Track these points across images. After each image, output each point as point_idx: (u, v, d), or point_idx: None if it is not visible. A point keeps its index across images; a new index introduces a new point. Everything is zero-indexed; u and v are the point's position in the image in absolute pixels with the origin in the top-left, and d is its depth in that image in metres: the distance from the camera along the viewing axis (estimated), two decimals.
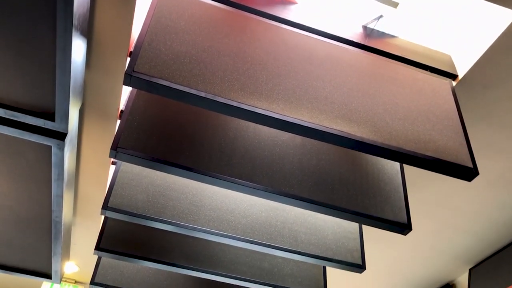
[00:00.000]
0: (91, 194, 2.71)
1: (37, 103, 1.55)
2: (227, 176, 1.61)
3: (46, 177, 1.87)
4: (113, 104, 2.06)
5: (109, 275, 2.44)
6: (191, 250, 2.24)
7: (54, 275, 2.57)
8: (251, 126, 1.79)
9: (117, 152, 1.51)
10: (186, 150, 1.62)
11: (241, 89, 1.39)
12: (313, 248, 2.05)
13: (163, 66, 1.34)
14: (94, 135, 2.26)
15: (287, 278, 2.36)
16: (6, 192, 1.96)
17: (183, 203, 1.92)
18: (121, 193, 1.86)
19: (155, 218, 1.84)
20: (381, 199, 1.83)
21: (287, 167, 1.75)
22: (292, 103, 1.44)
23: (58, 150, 1.70)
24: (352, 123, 1.47)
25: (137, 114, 1.63)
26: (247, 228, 1.96)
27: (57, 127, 1.61)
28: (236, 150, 1.70)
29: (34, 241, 2.30)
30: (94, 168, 2.49)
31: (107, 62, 1.86)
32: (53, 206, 2.01)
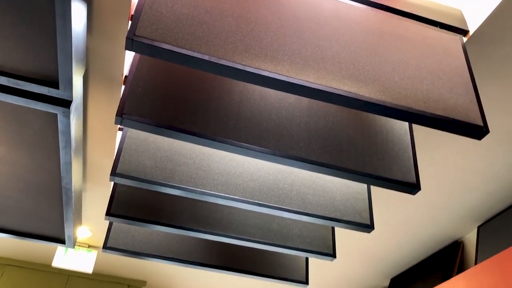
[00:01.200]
0: (100, 160, 2.72)
1: (40, 71, 1.53)
2: (234, 141, 1.60)
3: (53, 145, 1.87)
4: (117, 69, 2.04)
5: (121, 240, 2.48)
6: (200, 213, 2.26)
7: (68, 240, 2.62)
8: (257, 89, 1.77)
9: (123, 118, 1.50)
10: (192, 115, 1.60)
11: (245, 51, 1.36)
12: (321, 210, 2.06)
13: (165, 29, 1.31)
14: (100, 102, 2.25)
15: (296, 239, 2.39)
16: (15, 161, 1.97)
17: (191, 167, 1.93)
18: (129, 159, 1.86)
19: (164, 183, 1.85)
20: (389, 159, 1.82)
21: (294, 130, 1.73)
22: (298, 64, 1.41)
23: (64, 117, 1.69)
24: (360, 83, 1.44)
25: (141, 79, 1.61)
26: (255, 191, 1.97)
27: (61, 94, 1.59)
28: (242, 114, 1.68)
29: (46, 208, 2.33)
30: (101, 134, 2.49)
31: (109, 26, 1.83)
32: (63, 173, 2.02)
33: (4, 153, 1.94)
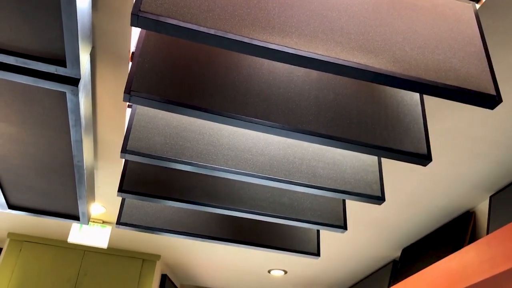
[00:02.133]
0: (111, 137, 2.74)
1: (47, 50, 1.52)
2: (242, 116, 1.60)
3: (64, 123, 1.88)
4: (124, 46, 2.02)
5: (134, 215, 2.51)
6: (211, 188, 2.28)
7: (82, 217, 2.67)
8: (265, 63, 1.75)
9: (131, 95, 1.50)
10: (200, 91, 1.60)
11: (252, 24, 1.34)
12: (331, 183, 2.06)
13: (171, 4, 1.29)
14: (108, 79, 2.24)
15: (306, 212, 2.40)
16: (26, 140, 1.99)
17: (200, 143, 1.93)
18: (139, 136, 1.87)
19: (174, 159, 1.86)
20: (400, 131, 1.80)
21: (303, 103, 1.72)
22: (307, 36, 1.39)
23: (72, 95, 1.69)
24: (369, 54, 1.41)
25: (148, 55, 1.60)
26: (265, 165, 1.97)
27: (69, 72, 1.59)
28: (251, 88, 1.67)
29: (59, 186, 2.36)
30: (111, 112, 2.50)
31: (114, 2, 1.81)
32: (74, 151, 2.04)
33: (16, 133, 1.95)
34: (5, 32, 1.47)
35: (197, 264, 4.78)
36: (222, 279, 5.20)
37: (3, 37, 1.48)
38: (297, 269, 4.77)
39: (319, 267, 4.68)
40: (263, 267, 4.76)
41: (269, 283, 5.22)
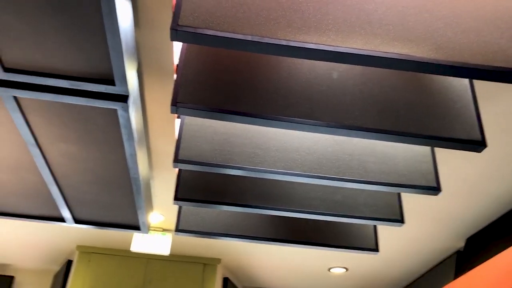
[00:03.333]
0: (164, 148, 2.83)
1: (96, 71, 1.61)
2: (286, 117, 1.61)
3: (117, 138, 1.97)
4: (167, 59, 2.09)
5: (191, 222, 2.58)
6: (262, 191, 2.30)
7: (142, 226, 2.77)
8: (305, 62, 1.75)
9: (177, 107, 1.55)
10: (242, 96, 1.62)
11: (288, 26, 1.35)
12: (384, 176, 2.02)
13: (207, 15, 1.32)
14: (156, 92, 2.32)
15: (361, 208, 2.37)
16: (85, 157, 2.10)
17: (248, 147, 1.96)
18: (189, 145, 1.92)
19: (224, 165, 1.89)
20: (451, 118, 1.74)
21: (347, 99, 1.71)
22: (344, 31, 1.38)
23: (123, 112, 1.77)
24: (410, 44, 1.39)
25: (191, 66, 1.65)
26: (314, 164, 1.97)
27: (118, 90, 1.67)
28: (292, 89, 1.68)
29: (118, 198, 2.47)
30: (161, 123, 2.58)
31: (155, 18, 1.87)
32: (129, 164, 2.13)
33: (75, 151, 2.07)
34: (58, 58, 1.56)
35: (257, 265, 4.83)
36: (283, 280, 5.22)
37: (56, 63, 1.58)
38: (358, 266, 4.70)
39: (380, 263, 4.60)
40: (323, 266, 4.73)
41: (330, 281, 5.18)
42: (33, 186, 2.39)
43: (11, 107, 1.79)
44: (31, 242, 4.48)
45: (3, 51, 1.54)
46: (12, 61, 1.58)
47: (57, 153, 2.08)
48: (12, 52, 1.54)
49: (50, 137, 1.98)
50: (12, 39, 1.50)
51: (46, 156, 2.11)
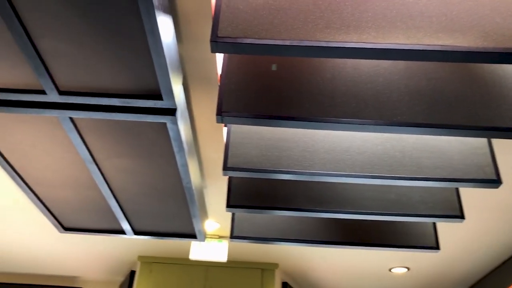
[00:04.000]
0: (214, 156, 2.88)
1: (144, 87, 1.67)
2: (332, 118, 1.59)
3: (168, 150, 2.03)
4: (211, 69, 2.13)
5: (245, 228, 2.61)
6: (314, 193, 2.29)
7: (199, 235, 2.83)
8: (348, 62, 1.73)
9: (222, 116, 1.57)
10: (286, 101, 1.63)
11: (327, 27, 1.34)
12: (439, 172, 1.96)
13: (245, 24, 1.34)
14: (203, 103, 2.37)
15: (417, 206, 2.31)
16: (139, 170, 2.17)
17: (296, 151, 1.96)
18: (237, 152, 1.95)
19: (272, 170, 1.90)
20: (506, 107, 1.66)
21: (394, 95, 1.67)
22: (385, 27, 1.35)
23: (172, 124, 1.83)
24: (456, 34, 1.34)
25: (233, 76, 1.67)
26: (365, 164, 1.94)
27: (166, 104, 1.72)
28: (337, 89, 1.66)
29: (174, 208, 2.54)
30: (210, 132, 2.63)
31: (196, 31, 1.92)
32: (182, 175, 2.18)
33: (129, 165, 2.15)
34: (108, 78, 1.63)
35: (316, 268, 4.79)
36: (343, 282, 5.14)
37: (107, 83, 1.65)
38: (420, 265, 4.56)
39: (443, 261, 4.43)
40: (383, 266, 4.63)
41: (391, 281, 5.05)
42: (93, 201, 2.50)
43: (68, 127, 1.89)
44: (96, 254, 4.69)
45: (57, 76, 1.63)
46: (66, 84, 1.67)
47: (113, 168, 2.17)
48: (66, 76, 1.63)
49: (105, 153, 2.07)
50: (65, 64, 1.58)
51: (103, 172, 2.20)
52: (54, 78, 1.65)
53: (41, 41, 1.50)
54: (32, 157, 2.13)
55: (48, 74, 1.61)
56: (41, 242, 4.40)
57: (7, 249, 4.63)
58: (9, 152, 2.10)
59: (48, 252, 4.65)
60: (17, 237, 4.29)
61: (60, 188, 2.39)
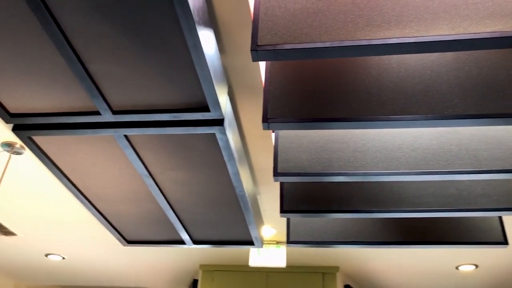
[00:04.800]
0: (264, 163, 2.90)
1: (191, 101, 1.71)
2: (381, 116, 1.56)
3: (219, 160, 2.06)
4: (256, 77, 2.15)
5: (301, 233, 2.60)
6: (369, 194, 2.25)
7: (256, 241, 2.85)
8: (393, 57, 1.70)
9: (268, 123, 1.59)
10: (332, 102, 1.61)
11: (367, 25, 1.32)
12: (500, 163, 1.87)
13: (284, 30, 1.35)
14: (250, 111, 2.40)
15: (480, 199, 2.21)
16: (193, 181, 2.23)
17: (346, 152, 1.94)
18: (286, 157, 1.95)
19: (324, 172, 1.89)
20: None
21: (444, 87, 1.62)
22: (427, 20, 1.32)
23: (221, 134, 1.86)
24: (504, 19, 1.28)
25: (277, 82, 1.68)
26: (419, 160, 1.88)
27: (213, 115, 1.76)
28: (383, 86, 1.63)
29: (229, 216, 2.58)
30: (259, 138, 2.66)
31: (238, 41, 1.95)
32: (234, 183, 2.21)
33: (183, 177, 2.21)
34: (157, 95, 1.69)
35: (379, 270, 4.69)
36: (408, 281, 4.99)
37: (156, 99, 1.71)
38: (489, 262, 4.34)
39: None
40: (450, 264, 4.45)
41: (459, 279, 4.84)
42: (152, 213, 2.59)
43: (123, 145, 1.97)
44: (159, 265, 4.83)
45: (109, 97, 1.71)
46: (119, 104, 1.75)
47: (168, 181, 2.24)
48: (117, 96, 1.71)
49: (160, 167, 2.14)
50: (116, 84, 1.66)
51: (159, 185, 2.28)
52: (107, 99, 1.73)
53: (92, 65, 1.58)
54: (93, 175, 2.24)
55: (101, 95, 1.69)
56: (107, 256, 4.60)
57: (76, 264, 4.88)
58: (71, 172, 2.22)
59: (113, 265, 4.85)
60: (84, 251, 4.50)
61: (121, 202, 2.49)
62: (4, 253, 4.66)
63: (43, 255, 4.62)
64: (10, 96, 1.75)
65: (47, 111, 1.81)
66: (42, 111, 1.81)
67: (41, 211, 3.63)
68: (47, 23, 1.41)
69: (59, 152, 2.08)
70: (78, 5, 1.36)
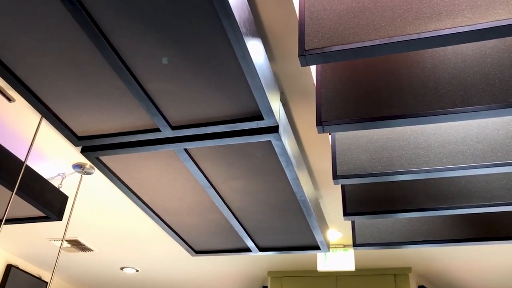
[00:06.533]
0: (324, 166, 2.87)
1: (245, 110, 1.74)
2: (439, 110, 1.51)
3: (277, 166, 2.07)
4: (308, 81, 2.15)
5: (367, 235, 2.55)
6: (435, 190, 2.17)
7: (321, 246, 2.83)
8: (448, 48, 1.63)
9: (323, 126, 1.58)
10: (388, 100, 1.58)
11: (417, 18, 1.29)
12: None
13: (331, 33, 1.34)
14: (304, 115, 2.40)
15: None
16: (253, 189, 2.25)
17: (407, 149, 1.88)
18: (345, 159, 1.93)
19: (385, 172, 1.85)
20: None
21: (506, 74, 1.53)
22: (481, 6, 1.26)
23: (277, 141, 1.87)
24: None
25: (329, 84, 1.67)
26: (486, 152, 1.79)
27: (268, 123, 1.78)
28: (440, 79, 1.57)
29: (292, 222, 2.58)
30: (316, 142, 2.64)
31: (287, 47, 1.96)
32: (294, 189, 2.22)
33: (244, 185, 2.24)
34: (212, 108, 1.74)
35: (452, 269, 4.48)
36: (486, 281, 4.73)
37: (211, 112, 1.76)
38: None
39: None
40: None
41: None
42: (217, 223, 2.64)
43: (184, 158, 2.03)
44: (229, 274, 4.91)
45: (168, 113, 1.78)
46: (176, 119, 1.81)
47: (230, 190, 2.28)
48: (175, 112, 1.77)
49: (221, 177, 2.18)
50: (172, 101, 1.72)
51: (221, 195, 2.32)
52: (165, 116, 1.80)
53: (149, 85, 1.65)
54: (158, 189, 2.33)
55: (160, 113, 1.76)
56: (177, 266, 4.74)
57: (149, 275, 5.07)
58: (138, 188, 2.32)
59: (183, 274, 4.99)
60: (156, 263, 4.67)
61: (186, 214, 2.56)
62: (82, 268, 4.93)
63: (119, 268, 4.84)
64: (76, 121, 1.86)
65: (111, 131, 1.91)
66: (106, 132, 1.91)
67: (114, 226, 3.82)
68: (104, 49, 1.49)
69: (126, 169, 2.18)
70: (132, 31, 1.43)
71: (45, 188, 2.44)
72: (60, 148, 2.77)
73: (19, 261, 4.62)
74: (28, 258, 4.64)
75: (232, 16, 1.34)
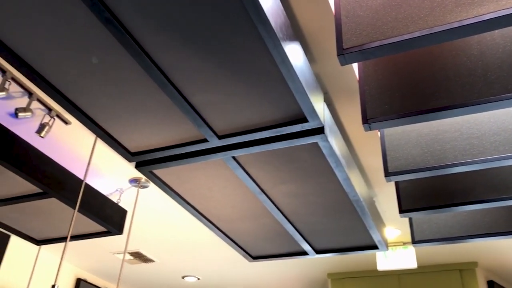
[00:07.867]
0: (375, 163, 2.82)
1: (289, 114, 1.74)
2: (490, 97, 1.45)
3: (327, 167, 2.06)
4: (351, 79, 2.13)
5: (426, 231, 2.47)
6: (495, 180, 2.07)
7: (380, 245, 2.77)
8: (495, 32, 1.56)
9: (369, 124, 1.55)
10: (434, 91, 1.53)
11: (457, 5, 1.25)
12: None
13: (369, 29, 1.33)
14: (351, 113, 2.37)
15: None
16: (304, 191, 2.25)
17: (460, 140, 1.81)
18: (396, 155, 1.88)
19: (439, 165, 1.79)
20: None
21: None
22: None
23: (324, 142, 1.86)
24: None
25: (372, 81, 1.65)
26: None
27: (312, 125, 1.77)
28: (489, 64, 1.51)
29: (347, 222, 2.54)
30: (365, 140, 2.60)
31: (326, 47, 1.94)
32: (346, 189, 2.19)
33: (294, 189, 2.24)
34: (255, 114, 1.75)
35: None
36: None
37: (255, 118, 1.78)
38: None
39: None
40: None
41: None
42: (271, 228, 2.65)
43: (233, 166, 2.06)
44: (288, 277, 4.90)
45: (213, 123, 1.82)
46: (222, 128, 1.84)
47: (280, 194, 2.29)
48: (220, 122, 1.80)
49: (271, 182, 2.19)
50: (217, 112, 1.75)
51: (272, 200, 2.34)
52: (211, 126, 1.83)
53: (193, 98, 1.69)
54: (210, 197, 2.37)
55: (206, 124, 1.80)
56: (237, 272, 4.79)
57: (209, 282, 5.15)
58: (191, 197, 2.38)
59: (243, 280, 5.03)
60: (216, 270, 4.75)
61: (240, 221, 2.59)
62: (146, 278, 5.10)
63: (180, 277, 4.96)
64: (128, 138, 1.93)
65: (161, 145, 1.97)
66: (157, 146, 1.97)
67: (173, 236, 3.92)
68: (148, 67, 1.54)
69: (178, 181, 2.24)
70: (171, 46, 1.47)
71: (105, 204, 2.55)
72: (116, 165, 2.89)
73: (87, 274, 4.84)
74: (94, 271, 4.85)
75: (268, 23, 1.35)
